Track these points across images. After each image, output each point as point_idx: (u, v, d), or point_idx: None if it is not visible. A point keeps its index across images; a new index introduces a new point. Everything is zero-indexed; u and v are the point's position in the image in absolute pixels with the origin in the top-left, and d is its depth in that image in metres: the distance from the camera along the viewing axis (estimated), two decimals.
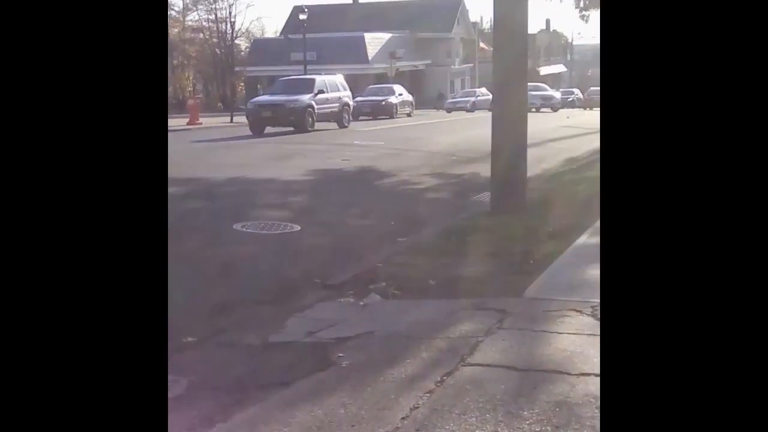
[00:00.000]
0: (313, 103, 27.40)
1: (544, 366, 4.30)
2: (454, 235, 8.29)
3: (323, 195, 12.31)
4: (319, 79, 29.15)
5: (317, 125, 27.79)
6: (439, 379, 4.12)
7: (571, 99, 55.17)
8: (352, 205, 11.36)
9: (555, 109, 46.36)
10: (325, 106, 28.17)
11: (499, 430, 3.49)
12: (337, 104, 29.34)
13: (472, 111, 47.24)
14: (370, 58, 58.01)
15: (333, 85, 29.57)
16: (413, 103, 42.60)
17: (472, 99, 50.85)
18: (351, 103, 31.31)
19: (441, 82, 63.80)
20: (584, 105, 52.00)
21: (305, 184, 13.60)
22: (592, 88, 55.76)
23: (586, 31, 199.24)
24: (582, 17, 25.68)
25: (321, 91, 28.14)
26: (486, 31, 68.83)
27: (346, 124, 29.78)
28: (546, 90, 51.09)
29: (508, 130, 9.58)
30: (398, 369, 4.29)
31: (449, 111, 48.27)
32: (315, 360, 4.54)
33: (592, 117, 36.22)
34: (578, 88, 62.81)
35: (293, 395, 4.00)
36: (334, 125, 29.18)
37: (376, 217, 10.35)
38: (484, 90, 53.47)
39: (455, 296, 5.91)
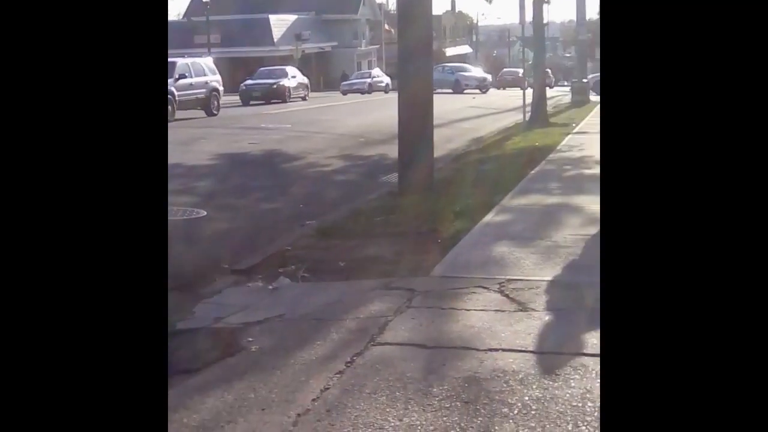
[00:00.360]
0: (173, 89, 24.40)
1: (453, 343, 4.36)
2: (362, 216, 8.31)
3: (229, 179, 12.14)
4: (181, 63, 26.06)
5: (180, 114, 24.73)
6: (349, 359, 4.13)
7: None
8: (259, 188, 11.25)
9: (485, 91, 45.96)
10: (188, 92, 25.61)
11: (410, 407, 3.52)
12: (204, 90, 26.82)
13: (369, 93, 45.96)
14: (275, 40, 57.31)
15: (198, 70, 27.01)
16: (308, 86, 40.05)
17: (368, 81, 48.86)
18: (220, 88, 28.07)
19: (347, 64, 63.52)
20: (498, 85, 52.92)
21: (211, 168, 13.39)
22: (505, 69, 59.97)
23: (490, 12, 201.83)
24: None
25: (183, 76, 25.43)
26: (392, 12, 68.78)
27: (215, 112, 27.16)
28: (479, 72, 50.60)
29: (414, 111, 9.64)
30: (308, 351, 4.28)
31: (345, 93, 45.44)
32: (224, 345, 4.49)
33: (497, 97, 36.86)
34: (482, 67, 63.55)
35: (203, 382, 3.95)
36: (201, 113, 26.56)
37: (283, 200, 10.28)
38: (378, 71, 52.85)
39: (364, 277, 5.93)
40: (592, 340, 4.27)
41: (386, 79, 48.94)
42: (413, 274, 5.89)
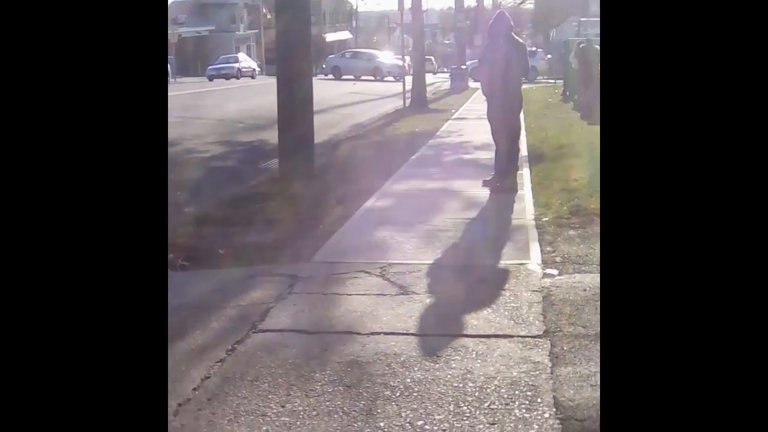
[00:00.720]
0: None
1: (335, 328, 4.36)
2: (242, 203, 8.19)
3: None
4: None
5: None
6: (230, 347, 4.06)
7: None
8: None
9: (399, 79, 44.19)
10: None
11: (292, 393, 3.50)
12: None
13: (238, 78, 43.59)
14: None
15: None
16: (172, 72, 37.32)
17: (236, 65, 46.51)
18: None
19: (226, 49, 62.42)
20: None
21: None
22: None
23: None
24: None
25: None
26: None
27: None
28: (392, 58, 48.04)
29: (293, 97, 9.56)
30: (188, 340, 4.19)
31: (211, 79, 42.87)
32: None
33: (378, 83, 37.00)
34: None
35: None
36: None
37: None
38: (244, 56, 51.23)
39: (245, 264, 5.84)
40: (472, 321, 4.35)
41: (253, 65, 47.83)
42: (295, 261, 5.85)
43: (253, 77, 44.79)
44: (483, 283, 5.13)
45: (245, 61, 48.44)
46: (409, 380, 3.61)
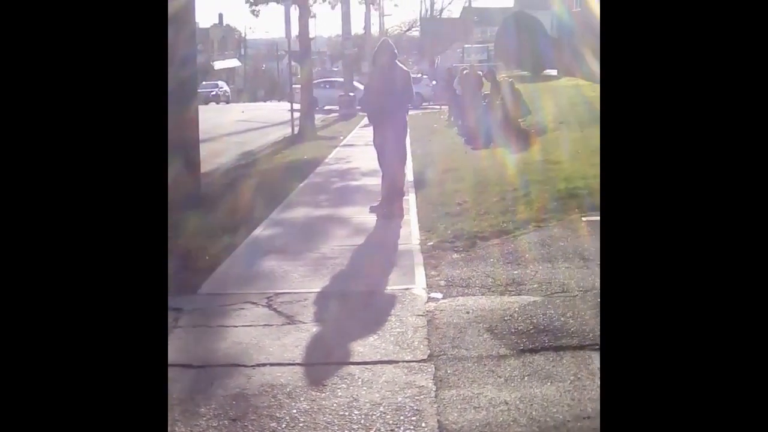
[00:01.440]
0: None
1: (221, 361, 4.31)
2: None
3: None
4: None
5: None
6: None
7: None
8: None
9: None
10: None
11: (176, 429, 3.44)
12: None
13: None
14: None
15: None
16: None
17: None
18: None
19: None
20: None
21: None
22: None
23: (258, 26, 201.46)
24: (253, 12, 25.81)
25: None
26: None
27: None
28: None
29: (179, 126, 9.42)
30: None
31: None
32: None
33: (267, 111, 36.85)
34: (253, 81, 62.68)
35: None
36: None
37: None
38: None
39: None
40: (358, 348, 4.39)
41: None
42: (180, 293, 5.73)
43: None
44: (369, 309, 5.18)
45: None
46: (295, 411, 3.61)
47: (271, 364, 4.20)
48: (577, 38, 28.62)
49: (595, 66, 24.90)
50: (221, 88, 52.87)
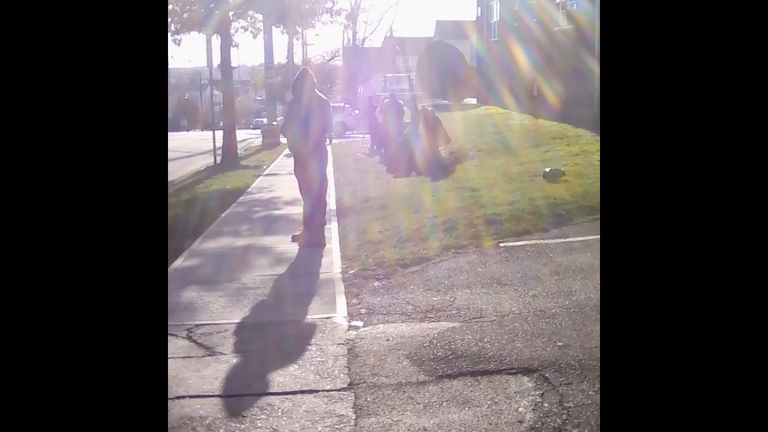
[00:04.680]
0: None
1: None
2: None
3: None
4: None
5: None
6: None
7: None
8: None
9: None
10: None
11: None
12: None
13: None
14: None
15: None
16: None
17: None
18: None
19: None
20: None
21: None
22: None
23: (180, 55, 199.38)
24: (174, 41, 25.47)
25: None
26: None
27: None
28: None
29: None
30: None
31: None
32: None
33: (189, 140, 36.49)
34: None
35: None
36: None
37: None
38: None
39: None
40: (279, 378, 4.40)
41: None
42: None
43: None
44: (290, 338, 5.19)
45: None
46: None
47: (191, 396, 4.17)
48: (493, 68, 29.22)
49: (509, 95, 25.51)
50: None
